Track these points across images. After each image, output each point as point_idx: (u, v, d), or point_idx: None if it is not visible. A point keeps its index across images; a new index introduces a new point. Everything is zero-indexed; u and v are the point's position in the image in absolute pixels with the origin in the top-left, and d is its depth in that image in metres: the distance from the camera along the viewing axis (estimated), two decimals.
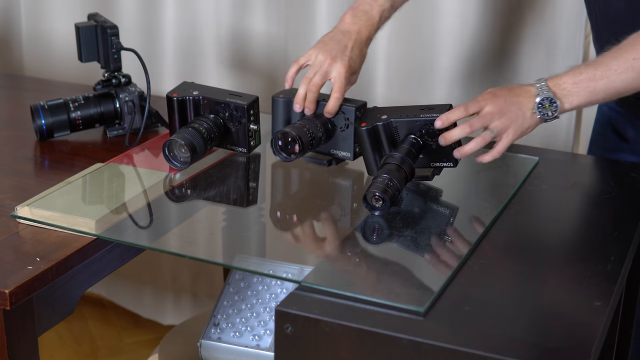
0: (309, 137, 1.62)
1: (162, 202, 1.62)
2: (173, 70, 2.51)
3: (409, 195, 1.63)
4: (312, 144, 1.63)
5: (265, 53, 2.44)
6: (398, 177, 1.53)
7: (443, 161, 1.61)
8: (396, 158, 1.56)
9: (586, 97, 1.56)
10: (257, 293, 1.65)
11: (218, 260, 1.54)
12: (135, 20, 2.52)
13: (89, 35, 1.88)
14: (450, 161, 1.61)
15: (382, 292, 1.32)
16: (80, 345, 2.70)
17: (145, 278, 2.78)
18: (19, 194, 1.62)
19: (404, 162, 1.56)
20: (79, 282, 1.49)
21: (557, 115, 1.56)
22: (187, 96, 1.74)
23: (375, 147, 1.62)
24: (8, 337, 1.37)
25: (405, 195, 1.63)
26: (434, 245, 1.51)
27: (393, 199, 1.52)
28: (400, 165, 1.55)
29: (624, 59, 1.54)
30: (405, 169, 1.56)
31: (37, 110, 1.85)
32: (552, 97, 1.55)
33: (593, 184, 1.72)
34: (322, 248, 1.50)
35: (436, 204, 1.63)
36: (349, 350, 1.25)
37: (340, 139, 1.68)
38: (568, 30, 2.17)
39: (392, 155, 1.58)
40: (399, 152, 1.58)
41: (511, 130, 1.57)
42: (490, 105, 1.56)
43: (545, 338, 1.22)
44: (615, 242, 1.47)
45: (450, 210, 1.63)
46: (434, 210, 1.62)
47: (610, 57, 1.55)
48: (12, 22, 2.69)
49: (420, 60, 2.27)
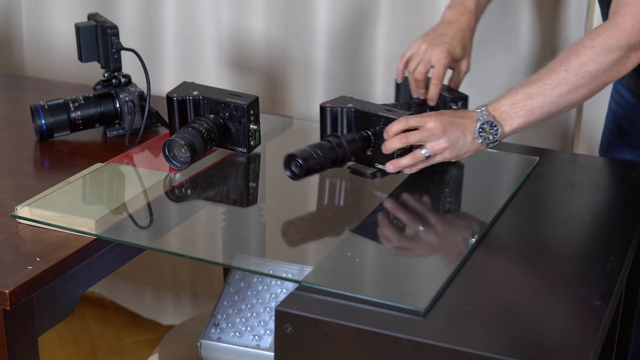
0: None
1: (162, 202, 1.62)
2: (173, 70, 2.51)
3: (409, 195, 1.64)
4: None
5: (265, 53, 2.44)
6: (327, 154, 1.58)
7: (384, 164, 1.63)
8: (335, 139, 1.61)
9: (525, 117, 1.57)
10: (257, 293, 1.65)
11: (218, 260, 1.54)
12: (135, 20, 2.52)
13: (89, 35, 1.88)
14: None
15: (382, 292, 1.32)
16: (80, 345, 2.70)
17: (145, 278, 2.78)
18: (19, 194, 1.62)
19: (341, 146, 1.61)
20: (79, 282, 1.49)
21: (498, 140, 1.57)
22: (187, 96, 1.74)
23: (333, 129, 1.67)
24: (8, 337, 1.37)
25: (406, 195, 1.63)
26: (434, 245, 1.51)
27: (309, 170, 1.57)
28: (336, 146, 1.60)
29: (557, 72, 1.54)
30: (339, 151, 1.60)
31: (37, 110, 1.85)
32: (492, 121, 1.56)
33: (593, 184, 1.72)
34: (322, 248, 1.50)
35: (436, 204, 1.63)
36: (349, 350, 1.25)
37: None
38: (568, 30, 2.17)
39: (335, 135, 1.63)
40: (344, 137, 1.62)
41: (447, 152, 1.59)
42: (433, 122, 1.57)
43: (545, 338, 1.22)
44: (615, 242, 1.47)
45: (450, 211, 1.63)
46: (434, 210, 1.62)
47: (544, 73, 1.56)
48: (13, 23, 2.69)
49: None
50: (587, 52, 1.52)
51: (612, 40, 1.51)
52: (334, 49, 2.33)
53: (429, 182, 1.65)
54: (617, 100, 1.90)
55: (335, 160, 1.61)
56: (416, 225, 1.57)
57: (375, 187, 1.70)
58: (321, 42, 2.34)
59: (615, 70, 1.53)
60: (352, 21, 2.32)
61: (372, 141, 1.64)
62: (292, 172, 1.58)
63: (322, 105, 1.68)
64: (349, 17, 2.32)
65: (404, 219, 1.59)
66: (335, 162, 1.61)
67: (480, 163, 1.75)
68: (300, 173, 1.57)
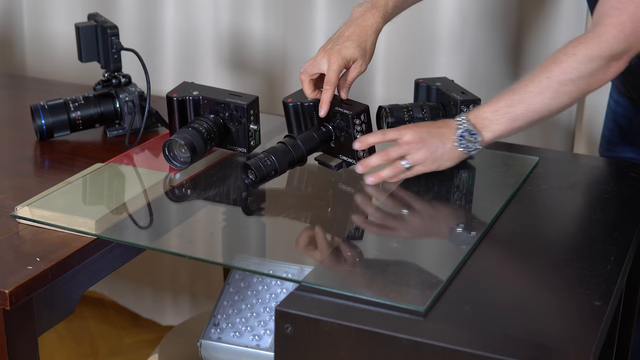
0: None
1: (162, 202, 1.62)
2: (173, 70, 2.51)
3: (409, 195, 1.64)
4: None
5: (264, 53, 2.44)
6: (281, 158, 1.61)
7: (348, 156, 1.66)
8: (291, 140, 1.64)
9: (507, 124, 1.56)
10: (257, 293, 1.65)
11: (218, 260, 1.54)
12: (135, 20, 2.52)
13: (89, 35, 1.88)
14: (353, 158, 1.65)
15: (382, 292, 1.32)
16: (80, 345, 2.70)
17: (145, 278, 2.78)
18: (19, 194, 1.62)
19: (296, 147, 1.63)
20: (79, 282, 1.49)
21: (478, 147, 1.57)
22: (187, 96, 1.74)
23: (297, 123, 1.70)
24: (8, 337, 1.37)
25: (406, 195, 1.63)
26: (434, 245, 1.51)
27: (264, 177, 1.60)
28: (291, 148, 1.63)
29: (539, 80, 1.54)
30: (295, 153, 1.63)
31: (37, 110, 1.85)
32: (472, 129, 1.56)
33: (593, 184, 1.72)
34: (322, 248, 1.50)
35: (436, 204, 1.63)
36: (349, 350, 1.25)
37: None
38: (568, 30, 2.17)
39: (291, 136, 1.66)
40: (301, 136, 1.65)
41: (428, 162, 1.59)
42: (410, 134, 1.57)
43: (545, 338, 1.22)
44: (615, 242, 1.47)
45: (450, 210, 1.63)
46: (434, 210, 1.62)
47: (527, 80, 1.56)
48: (14, 24, 2.69)
49: (420, 60, 2.27)
50: (569, 60, 1.52)
51: (594, 49, 1.51)
52: None
53: (429, 182, 1.65)
54: (616, 99, 1.90)
55: (293, 162, 1.64)
56: (416, 225, 1.57)
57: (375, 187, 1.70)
58: (321, 42, 2.34)
59: (596, 78, 1.53)
60: None
61: (333, 135, 1.67)
62: (249, 179, 1.61)
63: (284, 100, 1.70)
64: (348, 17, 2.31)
65: (404, 219, 1.58)
66: (293, 163, 1.64)
67: (481, 163, 1.75)
68: (256, 180, 1.61)
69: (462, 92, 1.74)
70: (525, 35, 2.20)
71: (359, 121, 1.63)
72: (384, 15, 1.72)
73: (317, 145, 1.67)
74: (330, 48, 1.67)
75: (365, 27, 1.69)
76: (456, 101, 1.71)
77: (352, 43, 1.67)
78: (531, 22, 2.19)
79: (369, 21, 1.70)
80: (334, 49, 1.66)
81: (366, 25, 1.70)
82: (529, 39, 2.20)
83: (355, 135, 1.63)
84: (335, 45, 1.67)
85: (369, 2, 1.73)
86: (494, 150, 1.80)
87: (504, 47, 2.23)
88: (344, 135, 1.65)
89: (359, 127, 1.64)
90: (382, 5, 1.72)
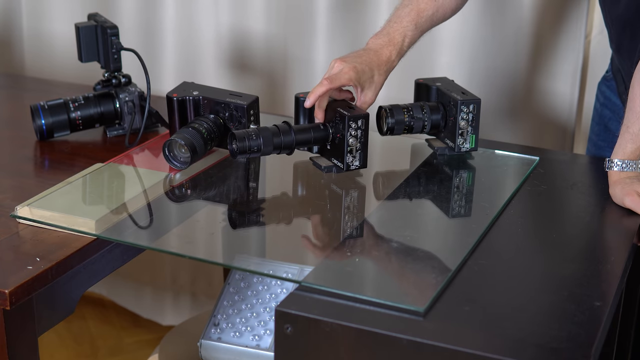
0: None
1: (162, 202, 1.62)
2: (173, 70, 2.52)
3: (409, 195, 1.64)
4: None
5: (265, 53, 2.44)
6: (268, 138, 1.61)
7: (339, 160, 1.65)
8: (283, 127, 1.64)
9: None
10: (257, 293, 1.65)
11: (218, 260, 1.54)
12: (135, 20, 2.52)
13: (89, 35, 1.88)
14: (341, 163, 1.64)
15: (382, 292, 1.32)
16: (80, 345, 2.70)
17: (145, 278, 2.78)
18: (19, 194, 1.62)
19: (287, 133, 1.63)
20: (79, 282, 1.49)
21: None
22: (187, 96, 1.74)
23: (304, 119, 1.71)
24: (8, 337, 1.37)
25: (406, 195, 1.63)
26: (434, 245, 1.51)
27: (245, 150, 1.60)
28: (281, 132, 1.63)
29: None
30: (284, 139, 1.63)
31: (37, 110, 1.85)
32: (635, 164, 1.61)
33: (593, 184, 1.72)
34: (322, 248, 1.50)
35: (436, 204, 1.64)
36: (349, 350, 1.25)
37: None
38: (568, 30, 2.17)
39: (287, 123, 1.65)
40: (297, 126, 1.66)
41: None
42: None
43: (545, 338, 1.22)
44: (615, 242, 1.47)
45: (451, 210, 1.63)
46: (434, 210, 1.62)
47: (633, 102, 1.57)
48: (13, 23, 2.69)
49: (420, 60, 2.27)
50: None
51: None
52: (334, 49, 2.33)
53: (429, 182, 1.65)
54: (603, 102, 1.90)
55: (279, 146, 1.63)
56: (416, 225, 1.57)
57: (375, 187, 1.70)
58: (321, 42, 2.34)
59: None
60: (352, 21, 2.32)
61: (329, 135, 1.66)
62: (231, 147, 1.61)
63: (297, 95, 1.72)
64: (348, 17, 2.32)
65: (404, 219, 1.58)
66: (279, 148, 1.63)
67: (480, 163, 1.75)
68: (237, 150, 1.60)
69: (462, 92, 1.74)
70: (525, 35, 2.20)
71: (355, 125, 1.61)
72: (399, 53, 1.71)
73: (309, 139, 1.66)
74: (347, 60, 1.64)
75: (380, 61, 1.68)
76: (456, 101, 1.71)
77: (369, 69, 1.66)
78: (531, 22, 2.19)
79: (385, 57, 1.69)
80: (352, 63, 1.63)
81: (381, 60, 1.68)
82: (529, 39, 2.20)
83: (348, 139, 1.61)
84: (354, 61, 1.64)
85: (386, 36, 1.71)
86: (494, 150, 1.80)
87: (504, 47, 2.23)
88: (339, 137, 1.64)
89: (354, 132, 1.61)
90: (399, 42, 1.71)
